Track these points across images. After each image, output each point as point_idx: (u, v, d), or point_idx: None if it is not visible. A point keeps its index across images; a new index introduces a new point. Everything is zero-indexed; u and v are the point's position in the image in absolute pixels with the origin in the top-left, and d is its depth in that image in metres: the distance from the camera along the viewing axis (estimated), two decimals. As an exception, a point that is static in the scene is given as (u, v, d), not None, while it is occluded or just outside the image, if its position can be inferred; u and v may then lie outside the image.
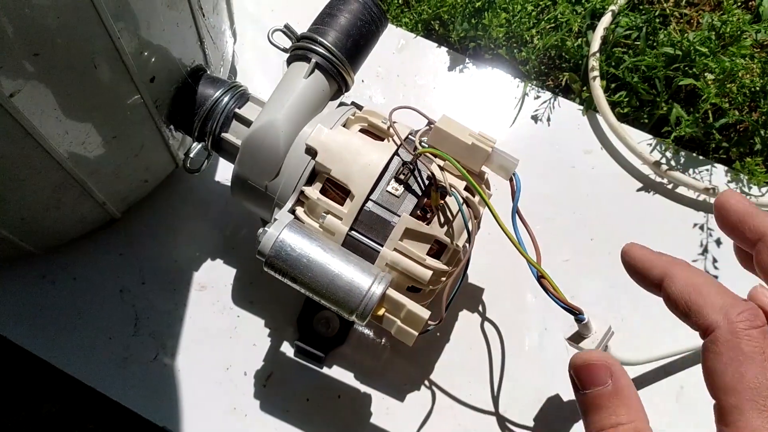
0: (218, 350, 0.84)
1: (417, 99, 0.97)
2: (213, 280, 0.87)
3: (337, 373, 0.83)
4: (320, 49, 0.73)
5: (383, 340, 0.85)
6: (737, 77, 0.87)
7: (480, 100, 0.97)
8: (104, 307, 0.85)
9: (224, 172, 0.92)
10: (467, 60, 0.99)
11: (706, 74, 0.88)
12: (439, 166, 0.71)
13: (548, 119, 0.95)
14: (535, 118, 0.96)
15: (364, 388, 0.82)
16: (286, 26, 0.76)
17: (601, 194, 0.91)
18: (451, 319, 0.85)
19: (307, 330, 0.83)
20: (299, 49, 0.74)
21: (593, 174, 0.92)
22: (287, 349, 0.84)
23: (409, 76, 0.98)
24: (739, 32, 0.88)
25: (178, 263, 0.87)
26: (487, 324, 0.85)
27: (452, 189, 0.69)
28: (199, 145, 0.79)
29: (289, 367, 0.83)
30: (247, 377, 0.83)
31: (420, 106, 0.76)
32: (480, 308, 0.86)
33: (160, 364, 0.83)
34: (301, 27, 0.78)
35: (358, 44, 0.76)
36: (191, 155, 0.80)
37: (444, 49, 1.00)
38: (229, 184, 0.91)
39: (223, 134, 0.77)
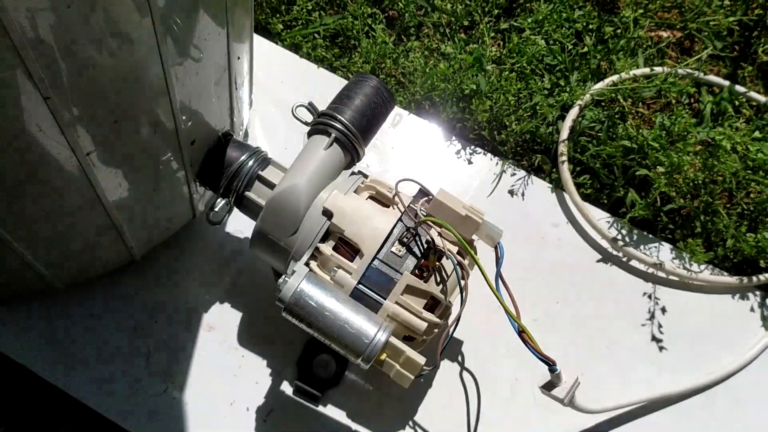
0: (223, 386, 0.92)
1: (409, 169, 1.09)
2: (221, 322, 0.96)
3: (331, 411, 0.92)
4: (339, 125, 0.85)
5: (370, 386, 0.94)
6: (683, 171, 1.02)
7: (463, 173, 1.10)
8: (118, 342, 0.93)
9: (234, 224, 1.01)
10: (453, 137, 1.12)
11: (657, 166, 1.03)
12: (437, 232, 0.83)
13: (522, 194, 1.09)
14: (511, 192, 1.09)
15: (355, 426, 0.91)
16: (310, 104, 0.88)
17: (566, 263, 1.04)
18: (433, 367, 0.96)
19: (306, 371, 0.93)
20: (320, 124, 0.86)
21: (560, 245, 1.06)
22: (287, 387, 0.93)
23: (403, 148, 1.11)
24: (685, 132, 1.04)
25: (188, 304, 0.96)
26: (465, 372, 0.96)
27: (449, 252, 0.81)
28: (223, 201, 0.89)
29: (288, 405, 0.92)
30: (249, 413, 0.91)
31: (410, 175, 0.88)
32: (459, 358, 0.97)
33: (169, 397, 0.91)
34: (300, 95, 0.89)
35: (370, 122, 0.89)
36: (216, 209, 0.90)
37: (434, 125, 1.13)
38: (237, 234, 1.01)
39: (247, 193, 0.87)
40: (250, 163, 0.88)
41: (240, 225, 1.01)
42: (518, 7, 1.24)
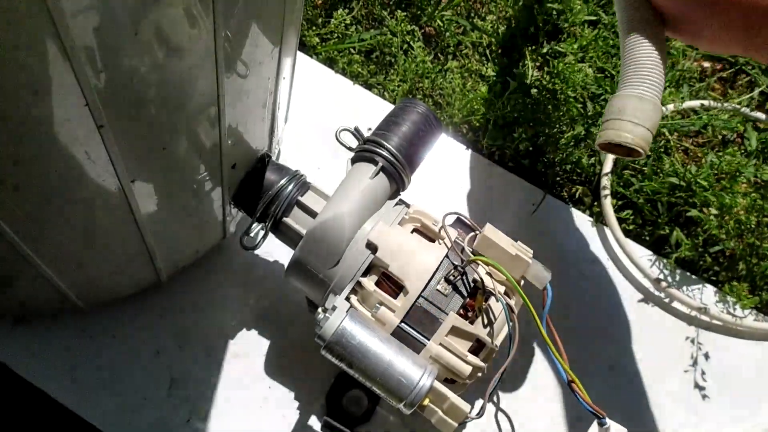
0: (248, 419, 0.88)
1: (445, 196, 1.05)
2: (247, 350, 0.92)
3: (360, 450, 0.88)
4: (385, 153, 0.81)
5: (403, 423, 0.90)
6: (734, 213, 0.99)
7: (501, 202, 1.06)
8: (140, 366, 0.89)
9: (266, 247, 0.97)
10: (491, 164, 1.08)
11: (706, 206, 1.00)
12: (485, 271, 0.79)
13: (562, 228, 1.05)
14: (549, 225, 1.05)
15: (385, 466, 0.87)
16: (356, 129, 0.84)
17: (606, 302, 1.01)
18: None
19: (336, 406, 0.89)
20: (366, 151, 0.82)
21: (600, 283, 1.02)
22: (315, 422, 0.89)
23: (439, 174, 1.07)
24: (736, 172, 1.01)
25: (214, 330, 0.92)
26: (500, 415, 0.92)
27: (499, 294, 0.77)
28: (259, 226, 0.85)
29: (316, 441, 0.88)
30: (275, 448, 0.87)
31: (446, 204, 0.84)
32: (495, 398, 0.93)
33: (192, 428, 0.86)
34: (334, 111, 0.84)
35: (417, 150, 0.85)
36: (250, 234, 0.86)
37: (470, 151, 1.10)
38: (267, 257, 0.97)
39: (285, 219, 0.83)
40: (290, 187, 0.84)
41: (270, 247, 0.96)
42: (561, 31, 1.20)
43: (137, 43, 0.47)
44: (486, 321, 0.79)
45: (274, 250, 0.97)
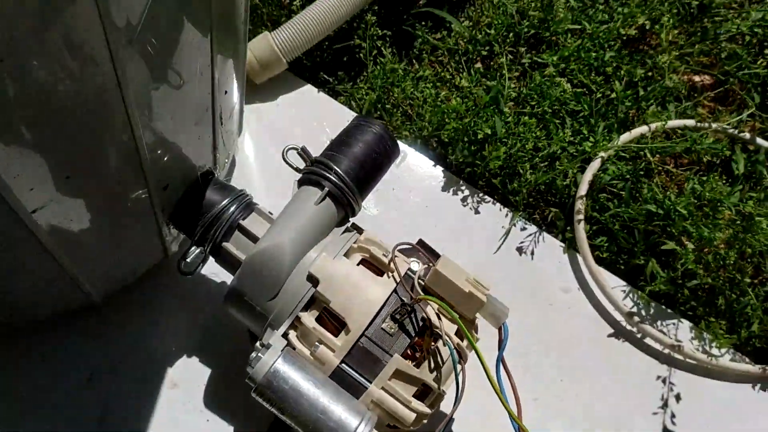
0: (183, 454, 0.82)
1: (409, 215, 0.99)
2: (187, 379, 0.86)
3: (301, 490, 0.82)
4: (333, 177, 0.75)
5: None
6: (713, 247, 0.93)
7: (468, 224, 1.00)
8: (71, 392, 0.83)
9: (212, 267, 0.91)
10: (461, 183, 1.02)
11: (684, 236, 0.93)
12: (434, 310, 0.73)
13: (532, 252, 0.99)
14: (519, 249, 0.99)
15: None
16: (303, 149, 0.77)
17: (574, 335, 0.95)
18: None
19: (277, 443, 0.83)
20: (312, 174, 0.76)
21: (569, 313, 0.96)
22: (253, 460, 0.83)
23: (404, 190, 1.01)
24: (717, 203, 0.94)
25: (153, 355, 0.86)
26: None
27: (447, 338, 0.71)
28: (197, 250, 0.79)
29: (254, 480, 0.82)
30: (210, 486, 0.82)
31: (410, 223, 0.78)
32: (449, 439, 0.87)
33: (121, 462, 0.81)
34: (296, 119, 0.77)
35: (369, 175, 0.78)
36: (188, 259, 0.79)
37: (440, 168, 1.03)
38: (213, 278, 0.91)
39: (225, 243, 0.77)
40: (232, 209, 0.78)
41: (217, 267, 0.91)
42: (543, 40, 1.13)
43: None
44: (434, 364, 0.73)
45: (221, 271, 0.90)
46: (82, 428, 0.81)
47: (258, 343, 0.73)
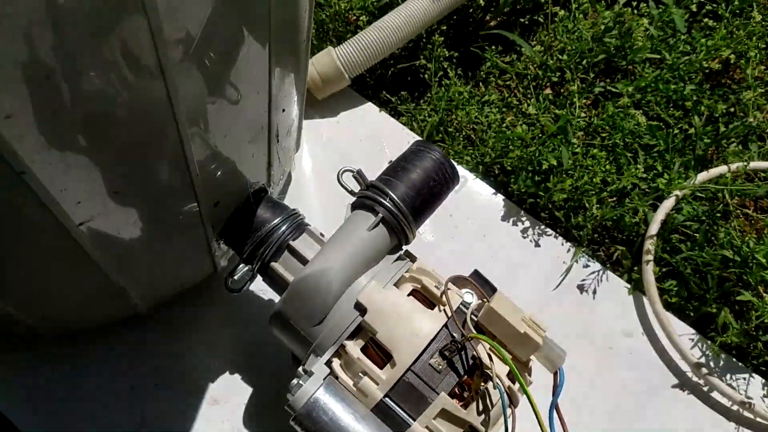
0: (219, 475, 0.80)
1: (466, 244, 0.95)
2: (227, 396, 0.84)
3: None
4: (387, 203, 0.72)
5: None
6: (794, 300, 0.86)
7: (528, 257, 0.95)
8: (111, 402, 0.82)
9: (260, 282, 0.90)
10: (522, 213, 0.98)
11: (760, 287, 0.87)
12: (486, 349, 0.69)
13: (594, 291, 0.94)
14: (580, 287, 0.94)
15: None
16: (359, 172, 0.75)
17: (635, 383, 0.89)
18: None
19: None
20: (367, 198, 0.73)
21: (630, 359, 0.90)
22: (290, 487, 0.80)
23: (462, 218, 0.97)
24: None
25: (195, 370, 0.85)
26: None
27: (498, 380, 0.67)
28: (246, 268, 0.77)
29: None
30: None
31: (466, 252, 0.74)
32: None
33: (156, 478, 0.80)
34: (356, 138, 0.74)
35: (425, 202, 0.75)
36: (236, 276, 0.78)
37: (500, 197, 0.99)
38: (261, 294, 0.89)
39: (273, 263, 0.75)
40: (282, 228, 0.76)
41: (265, 284, 0.89)
42: (618, 69, 1.08)
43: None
44: (482, 406, 0.69)
45: (269, 288, 0.89)
46: (121, 439, 0.81)
47: (300, 368, 0.71)
